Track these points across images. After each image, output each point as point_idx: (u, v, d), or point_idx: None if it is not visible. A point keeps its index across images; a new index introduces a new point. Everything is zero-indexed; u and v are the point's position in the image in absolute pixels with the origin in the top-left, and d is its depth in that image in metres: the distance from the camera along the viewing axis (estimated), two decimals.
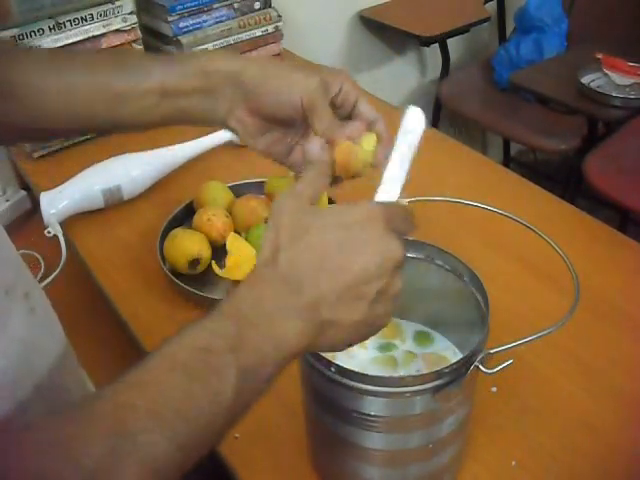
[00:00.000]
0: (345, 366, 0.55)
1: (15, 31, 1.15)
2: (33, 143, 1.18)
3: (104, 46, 1.25)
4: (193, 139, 1.14)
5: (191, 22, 1.34)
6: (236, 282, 0.88)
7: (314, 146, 0.58)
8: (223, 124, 0.61)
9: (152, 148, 1.10)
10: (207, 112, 0.60)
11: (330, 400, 0.58)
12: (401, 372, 0.67)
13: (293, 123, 0.60)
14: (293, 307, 0.44)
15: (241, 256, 0.90)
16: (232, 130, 0.62)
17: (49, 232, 1.01)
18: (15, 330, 0.55)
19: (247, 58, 0.61)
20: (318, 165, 0.54)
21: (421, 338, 0.71)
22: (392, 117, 0.60)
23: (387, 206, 0.49)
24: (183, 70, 0.59)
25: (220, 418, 0.42)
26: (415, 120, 0.55)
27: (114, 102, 0.59)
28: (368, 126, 0.58)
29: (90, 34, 1.22)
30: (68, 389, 0.64)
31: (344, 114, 0.60)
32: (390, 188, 0.53)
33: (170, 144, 1.12)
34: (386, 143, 0.57)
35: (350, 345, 0.49)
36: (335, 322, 0.45)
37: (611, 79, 1.71)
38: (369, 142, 0.57)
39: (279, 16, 1.43)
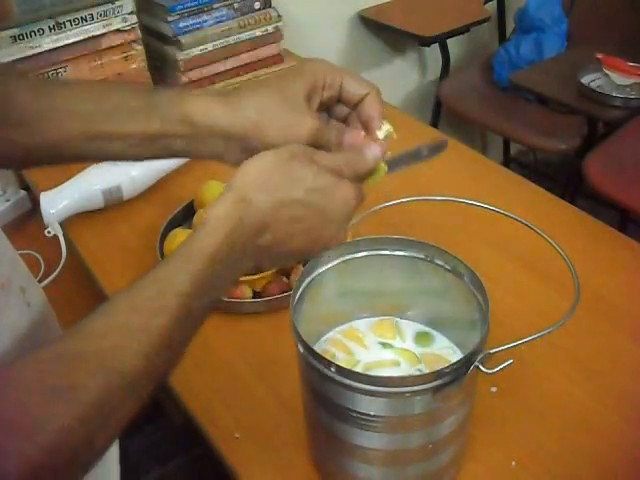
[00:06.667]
0: (345, 366, 0.55)
1: (15, 31, 1.15)
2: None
3: (104, 46, 1.25)
4: None
5: (191, 22, 1.34)
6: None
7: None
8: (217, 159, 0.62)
9: None
10: (197, 153, 0.62)
11: (330, 400, 0.58)
12: (401, 372, 0.67)
13: None
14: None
15: None
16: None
17: (49, 232, 1.01)
18: (12, 322, 0.56)
19: (227, 101, 0.59)
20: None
21: (421, 338, 0.71)
22: (393, 118, 0.61)
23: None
24: (166, 117, 0.59)
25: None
26: None
27: (100, 139, 0.60)
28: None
29: (90, 34, 1.23)
30: None
31: (335, 100, 0.63)
32: None
33: None
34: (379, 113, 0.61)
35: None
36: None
37: (611, 79, 1.71)
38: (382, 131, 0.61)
39: (279, 16, 1.43)
